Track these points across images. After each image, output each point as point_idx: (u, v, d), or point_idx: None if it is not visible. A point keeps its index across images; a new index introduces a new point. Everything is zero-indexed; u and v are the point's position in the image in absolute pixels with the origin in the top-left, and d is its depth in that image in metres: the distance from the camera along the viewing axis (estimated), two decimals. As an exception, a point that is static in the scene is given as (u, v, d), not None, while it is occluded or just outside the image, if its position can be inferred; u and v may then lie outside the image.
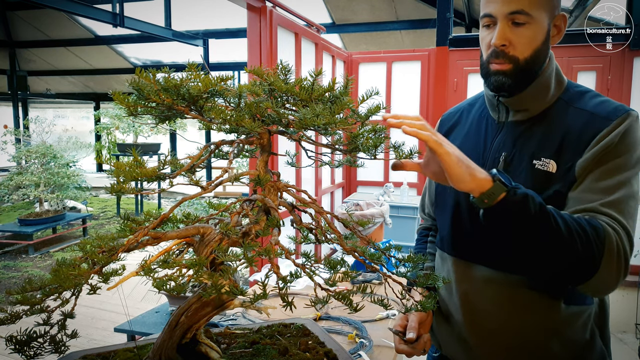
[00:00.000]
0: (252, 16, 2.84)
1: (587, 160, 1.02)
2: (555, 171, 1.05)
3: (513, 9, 1.04)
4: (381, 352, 1.50)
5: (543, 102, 1.12)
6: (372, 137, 0.89)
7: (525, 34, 1.05)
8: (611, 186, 1.00)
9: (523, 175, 1.08)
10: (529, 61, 1.07)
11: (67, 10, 5.58)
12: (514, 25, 1.05)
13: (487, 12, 1.08)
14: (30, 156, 6.81)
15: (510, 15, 1.04)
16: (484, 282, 1.13)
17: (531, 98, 1.12)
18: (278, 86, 0.87)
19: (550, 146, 1.07)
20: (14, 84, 11.12)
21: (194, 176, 0.87)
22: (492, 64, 1.09)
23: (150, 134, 8.49)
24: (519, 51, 1.06)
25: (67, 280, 0.75)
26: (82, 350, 1.04)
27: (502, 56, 1.07)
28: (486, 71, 1.12)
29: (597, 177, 1.01)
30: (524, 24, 1.05)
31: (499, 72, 1.08)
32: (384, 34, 9.16)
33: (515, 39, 1.06)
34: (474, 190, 0.91)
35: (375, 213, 2.68)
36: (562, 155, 1.05)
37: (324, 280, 0.86)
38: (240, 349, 1.06)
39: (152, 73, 0.84)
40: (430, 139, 0.89)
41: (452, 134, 1.30)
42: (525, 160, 1.09)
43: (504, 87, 1.09)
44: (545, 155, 1.07)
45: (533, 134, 1.11)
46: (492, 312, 1.12)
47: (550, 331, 1.08)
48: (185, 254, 0.90)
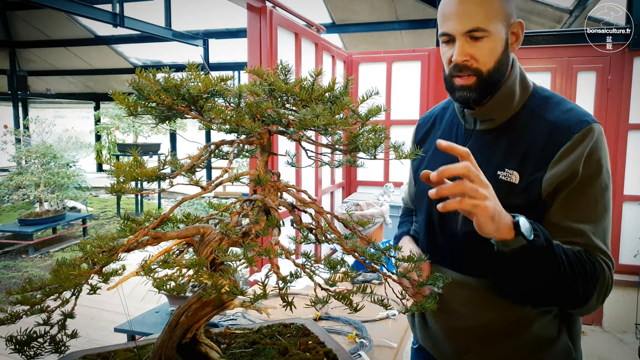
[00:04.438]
0: (252, 16, 2.84)
1: (555, 178, 1.02)
2: (517, 182, 1.06)
3: (469, 28, 1.05)
4: (381, 352, 1.50)
5: (508, 110, 1.12)
6: (372, 137, 0.89)
7: (485, 46, 1.06)
8: (597, 215, 1.03)
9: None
10: (492, 72, 1.08)
11: (67, 10, 5.58)
12: (473, 40, 1.06)
13: (443, 31, 1.09)
14: (30, 156, 6.81)
15: (467, 33, 1.05)
16: (454, 284, 1.14)
17: (496, 107, 1.12)
18: (278, 86, 0.87)
19: (514, 157, 1.08)
20: (14, 84, 11.11)
21: (194, 176, 0.87)
22: (456, 78, 1.10)
23: (150, 134, 8.49)
24: (482, 63, 1.07)
25: (67, 280, 0.75)
26: (82, 350, 1.04)
27: (465, 69, 1.08)
28: (450, 85, 1.12)
29: (578, 205, 1.02)
30: (481, 38, 1.05)
31: (464, 87, 1.09)
32: (384, 34, 9.16)
33: (476, 53, 1.06)
34: (495, 237, 0.93)
35: (375, 213, 2.67)
36: (525, 166, 1.06)
37: (324, 280, 0.86)
38: (240, 349, 1.06)
39: (152, 73, 0.84)
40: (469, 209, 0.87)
41: (427, 140, 1.31)
42: (490, 171, 1.08)
43: (469, 100, 1.10)
44: (509, 166, 1.08)
45: (499, 144, 1.12)
46: (460, 312, 1.16)
47: (518, 329, 1.11)
48: (186, 254, 0.90)
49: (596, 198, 1.03)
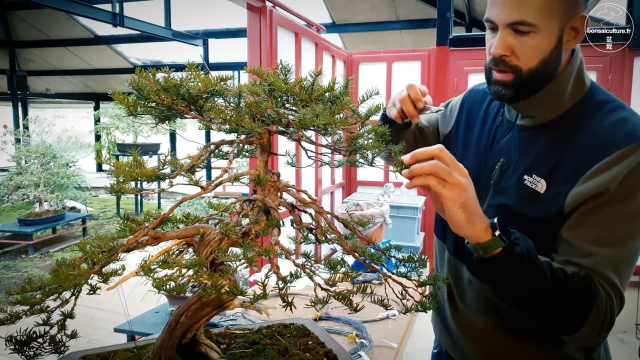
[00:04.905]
0: (252, 16, 2.84)
1: (580, 195, 0.90)
2: (543, 192, 0.96)
3: (513, 20, 0.93)
4: (381, 352, 1.50)
5: (553, 109, 1.00)
6: (372, 137, 0.89)
7: (530, 43, 0.93)
8: (612, 240, 0.90)
9: (510, 190, 1.02)
10: (534, 72, 0.96)
11: (67, 10, 5.58)
12: (517, 34, 0.94)
13: (487, 17, 0.98)
14: (30, 156, 6.81)
15: (510, 25, 0.94)
16: (468, 282, 1.12)
17: (538, 104, 1.00)
18: (278, 86, 0.86)
19: (546, 163, 0.97)
20: (14, 84, 11.11)
21: (193, 176, 0.87)
22: (493, 71, 1.00)
23: (150, 133, 8.49)
24: (522, 61, 0.95)
25: (66, 281, 0.75)
26: (82, 350, 1.04)
27: (502, 64, 0.97)
28: (488, 77, 1.03)
29: (596, 223, 0.90)
30: (527, 33, 0.93)
31: (499, 82, 0.99)
32: (384, 34, 9.16)
33: (518, 49, 0.95)
34: (470, 239, 0.87)
35: (375, 213, 2.67)
36: (555, 176, 0.95)
37: (324, 280, 0.86)
38: (240, 349, 1.06)
39: (152, 73, 0.84)
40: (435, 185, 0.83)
41: (471, 116, 1.21)
42: (516, 172, 1.01)
43: (503, 98, 1.01)
44: (538, 173, 0.97)
45: (533, 145, 1.01)
46: (474, 310, 1.12)
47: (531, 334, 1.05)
48: (185, 254, 0.90)
49: (620, 221, 0.89)
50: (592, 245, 0.90)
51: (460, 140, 1.22)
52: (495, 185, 1.07)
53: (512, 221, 0.92)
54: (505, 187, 1.03)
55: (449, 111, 1.31)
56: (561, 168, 0.95)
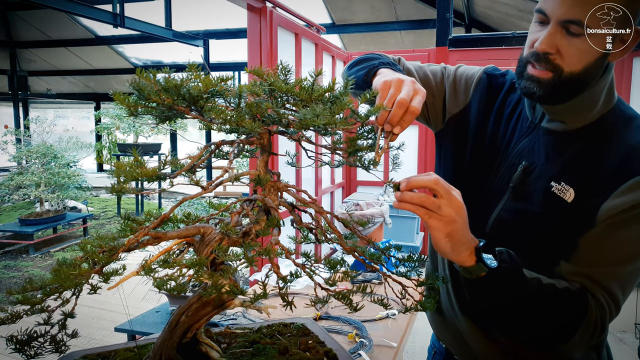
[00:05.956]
0: (252, 16, 2.84)
1: (613, 209, 0.89)
2: (571, 201, 0.93)
3: (568, 17, 0.87)
4: (381, 351, 1.50)
5: (585, 117, 0.97)
6: (371, 137, 0.90)
7: (579, 46, 0.88)
8: (630, 257, 0.91)
9: (534, 195, 0.99)
10: (574, 76, 0.91)
11: (67, 11, 5.57)
12: (568, 34, 0.89)
13: (540, 7, 0.91)
14: (31, 156, 6.82)
15: (563, 23, 0.88)
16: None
17: (573, 110, 0.96)
18: (278, 86, 0.87)
19: (577, 172, 0.94)
20: (15, 84, 11.11)
21: (194, 176, 0.88)
22: (530, 66, 0.94)
23: (150, 134, 8.50)
24: (566, 63, 0.90)
25: (67, 280, 0.75)
26: (83, 350, 1.05)
27: (543, 61, 0.91)
28: (521, 71, 0.97)
29: (618, 238, 0.89)
30: (579, 35, 0.88)
31: (533, 78, 0.94)
32: (384, 34, 9.16)
33: (565, 49, 0.89)
34: (456, 262, 0.90)
35: (375, 213, 2.68)
36: (585, 186, 0.92)
37: (324, 280, 0.86)
38: (240, 349, 1.06)
39: (153, 73, 0.84)
40: (422, 215, 0.85)
41: (485, 104, 1.14)
42: (543, 178, 0.97)
43: (533, 96, 0.95)
44: (567, 181, 0.94)
45: (562, 151, 0.97)
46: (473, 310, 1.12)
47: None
48: (186, 253, 0.90)
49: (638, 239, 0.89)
50: (609, 258, 0.91)
51: (471, 129, 1.15)
52: (516, 188, 1.03)
53: (529, 226, 0.94)
54: (528, 191, 1.00)
55: (461, 85, 1.19)
56: (593, 178, 0.93)
